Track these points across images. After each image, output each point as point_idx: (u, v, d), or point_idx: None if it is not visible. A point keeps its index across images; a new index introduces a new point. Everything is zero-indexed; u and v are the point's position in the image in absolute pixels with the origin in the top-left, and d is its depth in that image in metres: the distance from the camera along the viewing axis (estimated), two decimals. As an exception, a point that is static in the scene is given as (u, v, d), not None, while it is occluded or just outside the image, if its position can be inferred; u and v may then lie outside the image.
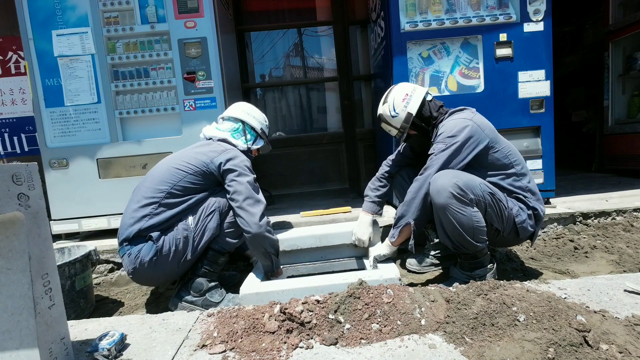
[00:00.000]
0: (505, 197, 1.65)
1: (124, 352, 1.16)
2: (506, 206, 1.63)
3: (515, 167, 1.69)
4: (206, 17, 2.56)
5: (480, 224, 1.57)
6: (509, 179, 1.69)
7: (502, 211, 1.62)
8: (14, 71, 3.47)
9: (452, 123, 1.70)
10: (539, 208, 1.70)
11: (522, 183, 1.69)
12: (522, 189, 1.69)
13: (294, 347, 1.11)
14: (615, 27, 3.72)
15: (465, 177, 1.58)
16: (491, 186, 1.63)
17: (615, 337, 1.02)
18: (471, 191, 1.54)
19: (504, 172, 1.69)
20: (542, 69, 2.50)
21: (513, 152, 1.72)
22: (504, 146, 1.71)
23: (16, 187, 0.93)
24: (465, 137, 1.64)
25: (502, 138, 1.76)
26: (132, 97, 2.64)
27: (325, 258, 2.20)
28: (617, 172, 3.86)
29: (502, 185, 1.68)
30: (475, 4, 2.51)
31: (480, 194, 1.56)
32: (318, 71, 4.35)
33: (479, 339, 1.06)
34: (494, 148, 1.68)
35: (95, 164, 2.63)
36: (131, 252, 1.63)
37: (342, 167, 4.08)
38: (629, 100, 3.80)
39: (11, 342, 0.93)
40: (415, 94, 1.82)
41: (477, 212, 1.56)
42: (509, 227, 1.66)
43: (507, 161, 1.69)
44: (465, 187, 1.53)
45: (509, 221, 1.65)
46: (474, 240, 1.58)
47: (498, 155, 1.68)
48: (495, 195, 1.60)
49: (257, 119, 2.08)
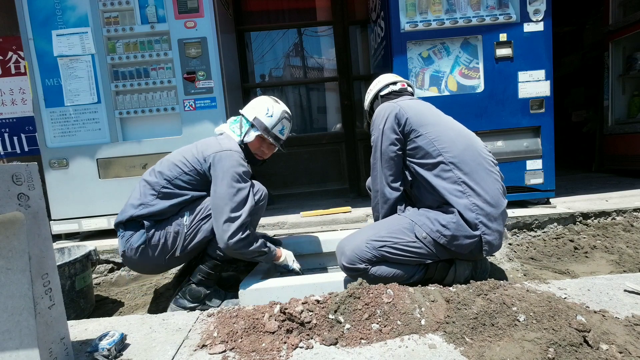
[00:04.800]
0: (404, 228, 1.49)
1: (124, 352, 1.16)
2: (408, 240, 1.47)
3: (443, 154, 1.47)
4: (206, 17, 2.56)
5: (394, 274, 1.48)
6: (436, 169, 1.49)
7: (405, 249, 1.47)
8: (14, 71, 3.47)
9: (377, 109, 1.66)
10: (474, 207, 1.43)
11: (453, 173, 1.46)
12: (454, 181, 1.46)
13: (294, 347, 1.11)
14: (615, 27, 3.72)
15: (351, 245, 1.50)
16: (382, 235, 1.48)
17: (615, 337, 1.02)
18: (359, 259, 1.47)
19: (428, 161, 1.50)
20: (542, 69, 2.50)
21: (442, 139, 1.49)
22: (430, 131, 1.50)
23: (16, 187, 0.93)
24: (384, 121, 1.56)
25: (435, 123, 1.54)
26: (132, 97, 2.64)
27: (324, 265, 2.19)
28: (617, 172, 3.86)
29: (426, 177, 1.51)
30: (475, 4, 2.51)
31: (370, 255, 1.46)
32: (318, 71, 4.35)
33: (479, 339, 1.06)
34: (416, 131, 1.51)
35: (95, 164, 2.63)
36: (124, 235, 1.65)
37: (342, 167, 4.08)
38: (629, 100, 3.80)
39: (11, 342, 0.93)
40: (375, 88, 1.82)
41: (380, 268, 1.48)
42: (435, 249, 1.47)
43: (432, 148, 1.49)
44: (350, 261, 1.48)
45: (427, 246, 1.47)
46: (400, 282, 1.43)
47: (421, 140, 1.50)
48: (386, 244, 1.47)
49: (255, 108, 1.84)
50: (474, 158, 1.49)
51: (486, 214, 1.43)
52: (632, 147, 3.59)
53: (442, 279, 1.55)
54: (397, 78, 1.83)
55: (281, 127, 1.87)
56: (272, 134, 1.83)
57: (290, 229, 2.50)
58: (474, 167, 1.47)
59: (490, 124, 2.55)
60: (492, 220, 1.44)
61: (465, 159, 1.47)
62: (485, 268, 1.64)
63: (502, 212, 1.48)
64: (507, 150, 2.58)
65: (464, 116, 2.54)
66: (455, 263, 1.55)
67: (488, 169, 1.51)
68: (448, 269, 1.54)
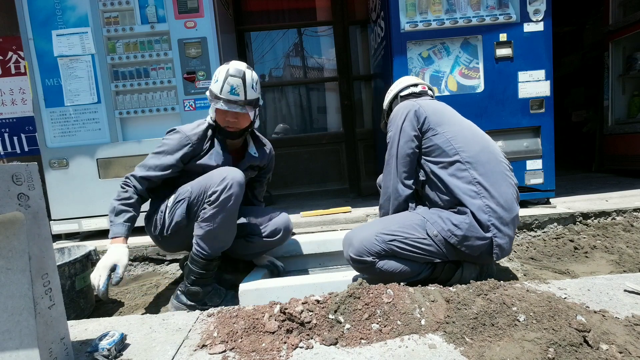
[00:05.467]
0: (415, 224, 1.48)
1: (124, 352, 1.16)
2: (419, 237, 1.46)
3: (460, 154, 1.47)
4: (206, 17, 2.56)
5: (401, 270, 1.47)
6: (451, 168, 1.48)
7: (415, 245, 1.45)
8: (14, 71, 3.47)
9: (397, 107, 1.66)
10: (487, 209, 1.42)
11: (469, 173, 1.45)
12: (469, 181, 1.45)
13: (294, 347, 1.11)
14: (615, 27, 3.72)
15: (359, 236, 1.48)
16: (393, 229, 1.47)
17: (615, 337, 1.02)
18: (367, 252, 1.45)
19: (444, 159, 1.49)
20: (542, 69, 2.50)
21: (458, 138, 1.49)
22: (447, 130, 1.51)
23: (16, 187, 0.93)
24: (403, 118, 1.56)
25: (452, 123, 1.55)
26: (132, 97, 2.64)
27: (324, 265, 2.19)
28: (617, 172, 3.86)
29: (441, 176, 1.50)
30: (475, 4, 2.51)
31: (379, 249, 1.45)
32: (318, 71, 4.36)
33: (479, 339, 1.06)
34: (434, 130, 1.51)
35: (95, 164, 2.63)
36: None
37: (342, 167, 4.08)
38: (629, 100, 3.80)
39: (11, 342, 0.93)
40: (396, 88, 1.82)
41: (387, 262, 1.46)
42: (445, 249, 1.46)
43: (448, 147, 1.48)
44: (358, 253, 1.46)
45: (437, 244, 1.45)
46: (405, 280, 1.47)
47: (437, 139, 1.50)
48: (396, 238, 1.45)
49: (215, 75, 1.72)
50: (490, 160, 1.48)
51: (499, 217, 1.41)
52: (632, 147, 3.59)
53: (447, 280, 1.53)
54: (419, 80, 1.82)
55: (229, 87, 1.66)
56: (222, 98, 1.68)
57: (290, 229, 2.49)
58: (490, 169, 1.46)
59: (490, 124, 2.55)
60: (504, 224, 1.42)
61: (482, 160, 1.46)
62: (491, 272, 1.61)
63: (514, 218, 1.47)
64: (507, 150, 2.58)
65: (464, 116, 2.54)
66: (463, 265, 1.52)
67: (504, 173, 1.49)
68: (455, 270, 1.53)
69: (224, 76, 1.66)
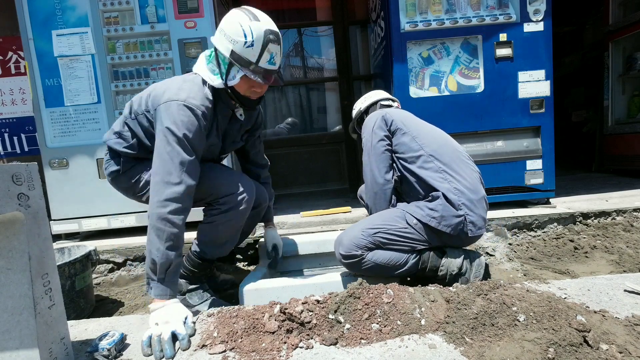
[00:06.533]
0: (396, 216, 1.63)
1: (124, 352, 1.16)
2: (400, 227, 1.59)
3: (424, 148, 1.68)
4: (206, 17, 2.56)
5: (389, 258, 1.58)
6: (419, 161, 1.68)
7: (398, 234, 1.59)
8: (14, 71, 3.47)
9: (367, 117, 1.87)
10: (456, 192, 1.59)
11: (434, 164, 1.66)
12: (436, 170, 1.65)
13: (294, 347, 1.11)
14: (615, 27, 3.72)
15: (348, 236, 1.61)
16: (377, 224, 1.61)
17: (615, 337, 1.02)
18: (355, 247, 1.56)
19: (412, 154, 1.70)
20: (542, 69, 2.50)
21: (421, 137, 1.71)
22: (411, 130, 1.73)
23: (16, 187, 0.93)
24: (373, 123, 1.76)
25: (415, 124, 1.77)
26: (132, 97, 2.64)
27: (324, 265, 2.18)
28: (617, 172, 3.86)
29: (412, 170, 1.69)
30: (475, 4, 2.51)
31: (366, 242, 1.56)
32: (318, 71, 4.36)
33: (479, 339, 1.06)
34: (401, 130, 1.73)
35: (95, 164, 2.63)
36: (107, 156, 1.70)
37: (342, 167, 4.08)
38: (629, 100, 3.80)
39: (11, 342, 0.93)
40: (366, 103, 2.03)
41: (375, 253, 1.57)
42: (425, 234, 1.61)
43: (413, 143, 1.70)
44: (347, 249, 1.57)
45: (418, 231, 1.60)
46: (396, 271, 1.60)
47: (404, 138, 1.72)
48: (381, 230, 1.58)
49: (228, 36, 1.35)
50: (451, 152, 1.71)
51: (468, 198, 1.60)
52: (632, 147, 3.59)
53: (436, 269, 1.62)
54: (385, 95, 2.07)
55: (268, 56, 1.37)
56: (260, 69, 1.37)
57: (290, 229, 2.49)
58: (452, 158, 1.68)
59: (490, 123, 2.56)
60: (473, 203, 1.61)
61: (443, 152, 1.69)
62: (479, 262, 1.66)
63: (481, 198, 1.65)
64: (507, 150, 2.58)
65: (464, 116, 2.56)
66: (447, 251, 1.65)
67: (465, 161, 1.71)
68: (441, 258, 1.64)
69: (263, 40, 1.33)
